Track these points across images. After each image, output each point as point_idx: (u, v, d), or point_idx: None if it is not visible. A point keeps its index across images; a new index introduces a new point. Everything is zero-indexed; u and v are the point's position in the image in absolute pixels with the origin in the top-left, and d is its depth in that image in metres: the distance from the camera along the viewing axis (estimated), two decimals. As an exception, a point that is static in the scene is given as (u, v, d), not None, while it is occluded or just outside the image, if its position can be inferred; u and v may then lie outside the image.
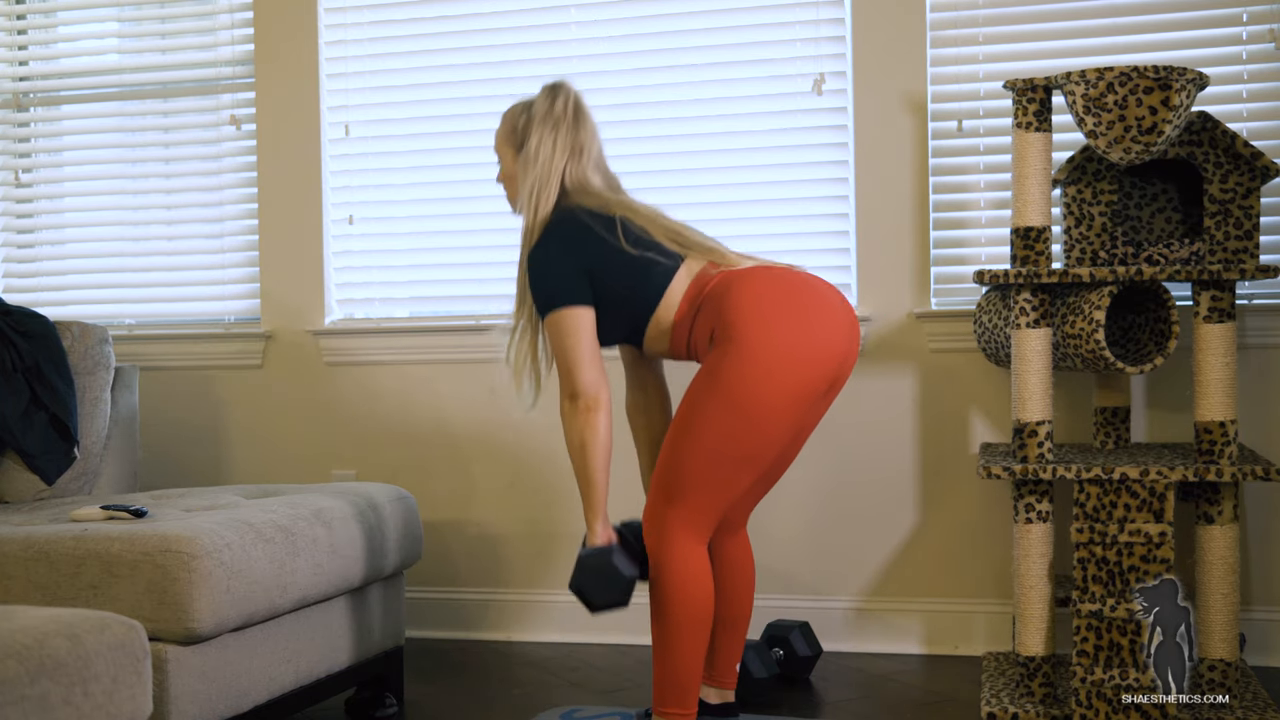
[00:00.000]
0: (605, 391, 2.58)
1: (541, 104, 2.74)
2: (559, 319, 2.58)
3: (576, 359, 2.57)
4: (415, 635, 3.73)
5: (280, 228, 3.87)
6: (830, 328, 2.52)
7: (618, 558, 2.54)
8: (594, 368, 2.58)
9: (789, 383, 2.46)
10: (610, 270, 2.58)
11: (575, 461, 2.60)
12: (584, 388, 2.56)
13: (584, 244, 2.59)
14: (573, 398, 2.57)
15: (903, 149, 3.46)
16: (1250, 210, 2.94)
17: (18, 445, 3.20)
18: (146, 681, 1.91)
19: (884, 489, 3.50)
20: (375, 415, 3.82)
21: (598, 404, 2.56)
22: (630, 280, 2.59)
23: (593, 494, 2.59)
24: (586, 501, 2.60)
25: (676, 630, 2.55)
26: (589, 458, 2.57)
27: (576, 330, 2.57)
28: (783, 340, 2.46)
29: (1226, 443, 2.79)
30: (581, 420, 2.56)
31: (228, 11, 3.93)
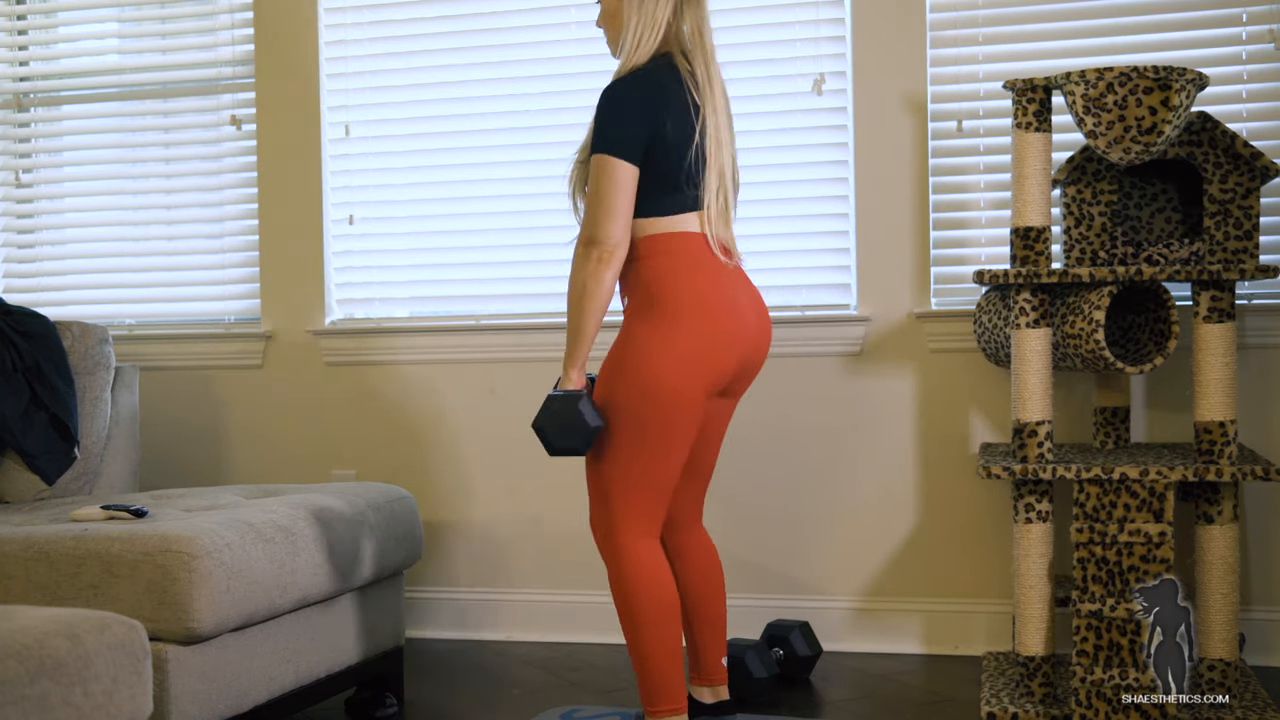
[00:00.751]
0: (623, 249, 2.55)
1: None
2: (606, 164, 2.53)
3: (608, 208, 2.52)
4: (415, 635, 3.73)
5: (280, 228, 3.87)
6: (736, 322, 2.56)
7: (584, 404, 2.53)
8: (621, 223, 2.53)
9: (691, 366, 2.50)
10: (662, 147, 2.55)
11: (571, 306, 2.56)
12: (604, 236, 2.52)
13: (663, 105, 2.54)
14: (589, 243, 2.54)
15: (903, 149, 3.46)
16: (1250, 210, 2.94)
17: (18, 445, 3.20)
18: (146, 681, 1.91)
19: (884, 489, 3.50)
20: (375, 415, 3.82)
21: (611, 257, 2.53)
22: (664, 171, 2.56)
23: (578, 342, 2.56)
24: (570, 347, 2.57)
25: (643, 627, 2.55)
26: (586, 305, 2.54)
27: (616, 182, 2.52)
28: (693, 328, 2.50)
29: (1226, 443, 2.79)
30: (590, 268, 2.52)
31: (228, 11, 3.93)
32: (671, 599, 2.57)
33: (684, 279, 2.54)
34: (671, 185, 2.57)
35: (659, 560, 2.58)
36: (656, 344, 2.51)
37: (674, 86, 2.57)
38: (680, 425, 2.54)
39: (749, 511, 3.55)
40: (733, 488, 3.47)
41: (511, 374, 3.71)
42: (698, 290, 2.54)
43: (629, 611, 2.56)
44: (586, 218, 2.57)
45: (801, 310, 3.52)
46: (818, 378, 3.51)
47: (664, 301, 2.53)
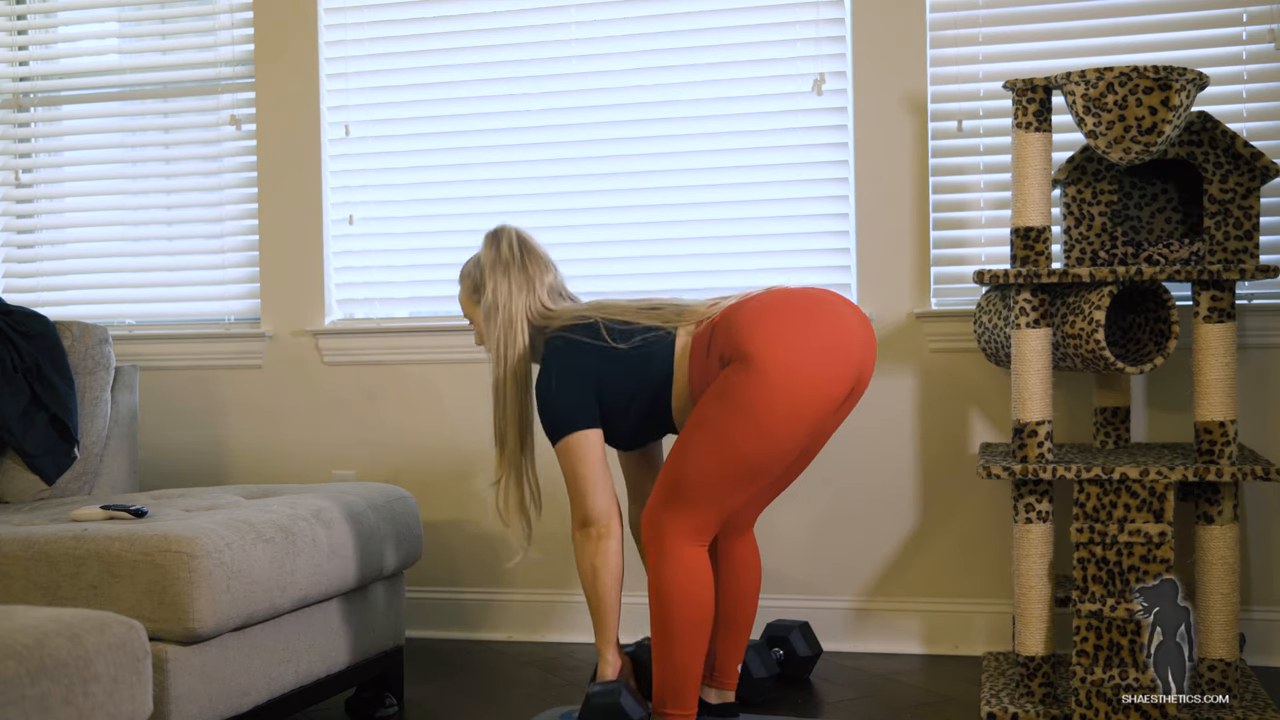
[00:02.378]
0: (618, 518, 2.62)
1: (488, 253, 2.78)
2: (570, 445, 2.61)
3: (589, 485, 2.59)
4: (415, 635, 3.73)
5: (280, 228, 3.87)
6: (843, 338, 2.53)
7: (625, 699, 2.54)
8: (606, 493, 2.61)
9: (803, 398, 2.47)
10: (612, 373, 2.61)
11: (587, 588, 2.62)
12: (597, 514, 2.59)
13: (581, 358, 2.62)
14: (584, 525, 2.60)
15: (903, 149, 3.46)
16: (1250, 210, 2.94)
17: (18, 445, 3.20)
18: (147, 681, 1.91)
19: (884, 489, 3.49)
20: (375, 415, 3.82)
21: (610, 531, 2.59)
22: (636, 371, 2.61)
23: (604, 622, 2.62)
24: (598, 629, 2.63)
25: (676, 631, 2.55)
26: (601, 585, 2.60)
27: (587, 455, 2.60)
28: (794, 355, 2.46)
29: (1226, 443, 2.79)
30: (593, 547, 2.59)
31: (228, 11, 3.93)
32: (708, 610, 2.58)
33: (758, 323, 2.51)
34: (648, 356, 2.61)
35: (707, 570, 2.59)
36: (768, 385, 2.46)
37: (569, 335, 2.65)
38: (778, 462, 2.54)
39: (749, 511, 3.55)
40: (733, 488, 3.47)
41: (511, 374, 3.70)
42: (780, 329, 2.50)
43: (664, 614, 2.56)
44: (572, 502, 2.64)
45: (801, 310, 3.52)
46: (818, 378, 3.51)
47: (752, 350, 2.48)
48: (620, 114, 3.64)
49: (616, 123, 3.65)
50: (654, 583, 2.57)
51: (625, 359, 2.61)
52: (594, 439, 2.61)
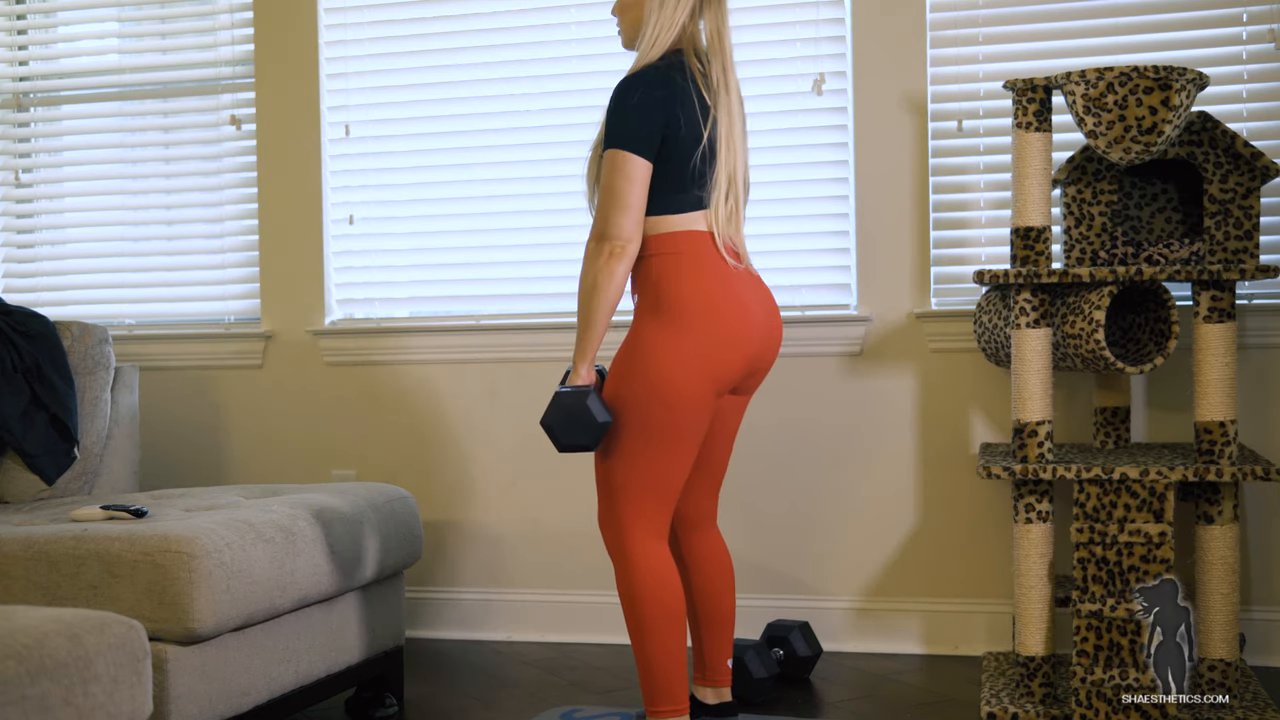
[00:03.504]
0: (635, 244, 2.54)
1: None
2: (620, 159, 2.53)
3: (621, 203, 2.52)
4: (415, 635, 3.73)
5: (280, 228, 3.87)
6: (745, 320, 2.56)
7: (592, 400, 2.52)
8: (633, 217, 2.53)
9: (700, 366, 2.50)
10: (673, 144, 2.55)
11: (582, 300, 2.56)
12: (616, 231, 2.52)
13: (681, 104, 2.55)
14: (600, 238, 2.54)
15: (903, 149, 3.46)
16: (1250, 210, 2.94)
17: (18, 445, 3.20)
18: (146, 681, 1.91)
19: (884, 489, 3.50)
20: (375, 415, 3.82)
21: (623, 252, 2.53)
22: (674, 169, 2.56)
23: (589, 336, 2.56)
24: (580, 342, 2.56)
25: (649, 628, 2.55)
26: (596, 300, 2.53)
27: (630, 177, 2.52)
28: (701, 327, 2.50)
29: (1226, 443, 2.79)
30: (603, 263, 2.52)
31: (228, 11, 3.93)
32: (677, 602, 2.57)
33: (691, 278, 2.54)
34: (681, 184, 2.57)
35: (666, 562, 2.58)
36: (664, 343, 2.51)
37: (687, 86, 2.57)
38: (688, 425, 2.54)
39: (749, 511, 3.55)
40: (733, 488, 3.47)
41: (512, 374, 3.71)
42: (705, 290, 2.54)
43: (634, 612, 2.56)
44: (599, 213, 2.57)
45: (801, 310, 3.52)
46: (818, 378, 3.51)
47: (671, 301, 2.53)
48: (620, 114, 3.64)
49: (616, 123, 3.65)
50: (622, 587, 2.58)
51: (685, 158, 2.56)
52: (643, 169, 2.54)
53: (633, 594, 2.56)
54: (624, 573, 2.57)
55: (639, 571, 2.55)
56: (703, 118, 2.57)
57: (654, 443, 2.53)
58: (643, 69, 2.58)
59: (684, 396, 2.51)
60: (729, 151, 2.61)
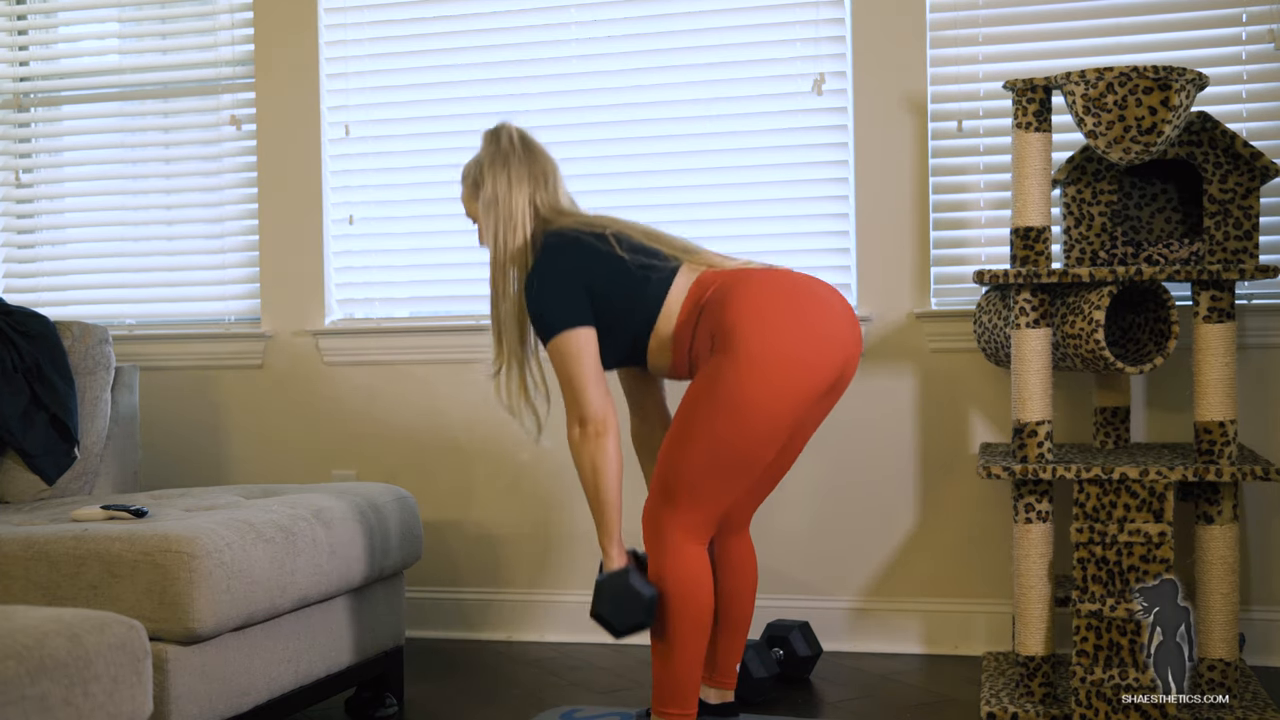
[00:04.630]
0: (613, 414, 2.58)
1: (487, 148, 2.74)
2: (563, 343, 2.56)
3: (583, 383, 2.55)
4: (415, 635, 3.73)
5: (280, 228, 3.87)
6: (830, 330, 2.51)
7: (635, 578, 2.54)
8: (600, 391, 2.57)
9: (788, 388, 2.46)
10: (609, 282, 2.57)
11: (587, 487, 2.59)
12: (592, 412, 2.55)
13: (581, 258, 2.58)
14: (581, 423, 2.57)
15: (903, 149, 3.46)
16: (1250, 210, 2.94)
17: (18, 445, 3.20)
18: (147, 681, 1.91)
19: (884, 489, 3.49)
20: (375, 415, 3.82)
21: (606, 428, 2.56)
22: (629, 290, 2.58)
23: (606, 518, 2.59)
24: (601, 526, 2.60)
25: (676, 631, 2.55)
26: (601, 482, 2.57)
27: (580, 353, 2.56)
28: (782, 345, 2.45)
29: (1226, 443, 2.79)
30: (592, 446, 2.56)
31: (228, 11, 3.93)
32: (708, 611, 2.57)
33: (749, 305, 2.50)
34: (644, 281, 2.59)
35: (705, 568, 2.58)
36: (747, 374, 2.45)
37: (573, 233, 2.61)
38: (766, 451, 2.52)
39: (749, 511, 3.55)
40: (733, 488, 3.47)
41: (511, 374, 3.70)
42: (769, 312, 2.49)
43: (666, 614, 2.56)
44: (567, 401, 2.59)
45: (801, 310, 3.51)
46: (818, 378, 3.51)
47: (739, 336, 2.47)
48: (620, 114, 3.64)
49: (616, 123, 3.65)
50: (655, 581, 2.57)
51: (626, 273, 2.57)
52: (587, 337, 2.56)
53: (669, 593, 2.55)
54: (660, 570, 2.56)
55: (677, 572, 2.54)
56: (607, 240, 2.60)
57: (725, 465, 2.51)
58: (536, 260, 2.62)
59: (770, 425, 2.47)
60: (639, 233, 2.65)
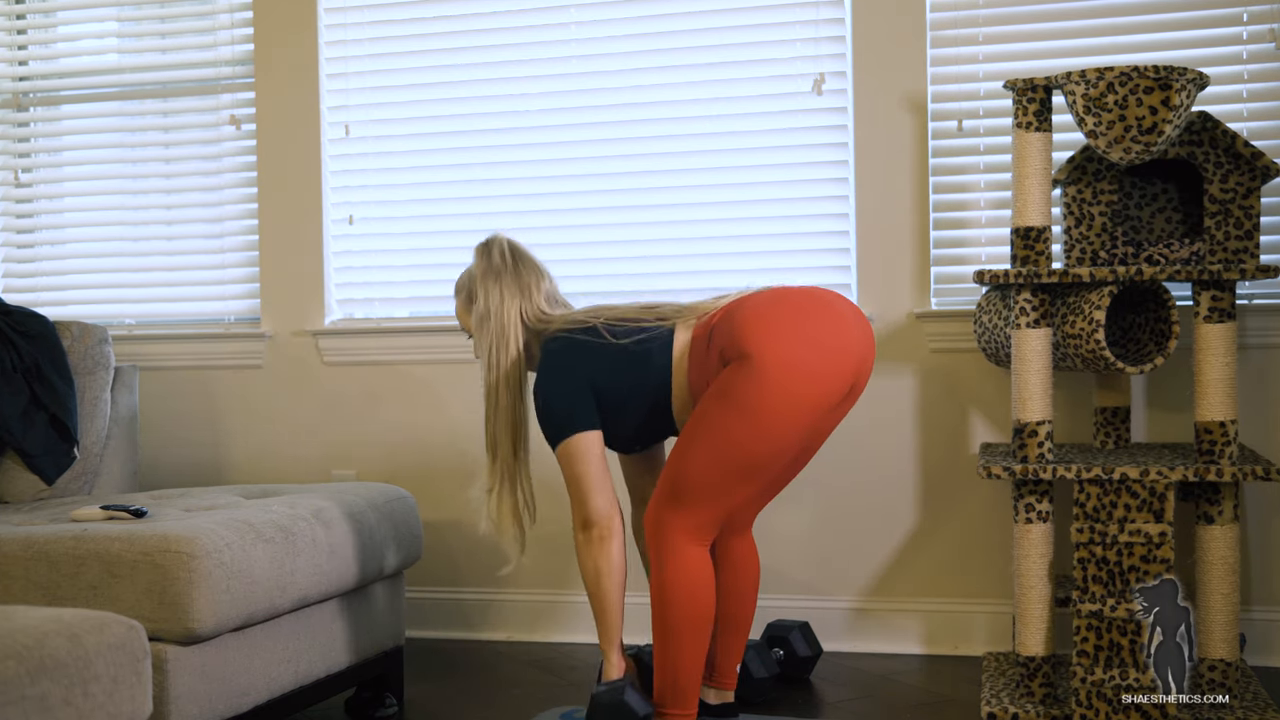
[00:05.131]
0: (618, 519, 2.61)
1: (479, 263, 2.79)
2: (570, 448, 2.60)
3: (589, 486, 2.59)
4: (415, 635, 3.72)
5: (280, 228, 3.87)
6: (842, 338, 2.52)
7: (630, 696, 2.54)
8: (606, 494, 2.61)
9: (802, 396, 2.46)
10: (612, 373, 2.61)
11: (590, 589, 2.63)
12: (598, 516, 2.58)
13: (581, 357, 2.62)
14: (586, 526, 2.60)
15: (903, 149, 3.45)
16: (1250, 210, 2.94)
17: (18, 445, 3.20)
18: (146, 681, 1.91)
19: (884, 489, 3.49)
20: (375, 415, 3.81)
21: (611, 532, 2.59)
22: (633, 370, 2.61)
23: (607, 622, 2.62)
24: (601, 630, 2.63)
25: (677, 632, 2.55)
26: (604, 586, 2.60)
27: (587, 457, 2.60)
28: (793, 354, 2.45)
29: (1227, 443, 2.79)
30: (596, 549, 2.59)
31: (228, 11, 3.93)
32: (709, 610, 2.58)
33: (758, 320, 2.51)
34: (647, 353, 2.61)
35: (708, 570, 2.59)
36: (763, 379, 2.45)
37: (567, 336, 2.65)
38: (777, 458, 2.53)
39: (749, 511, 3.55)
40: (733, 488, 3.47)
41: (511, 374, 3.70)
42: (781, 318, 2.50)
43: (665, 613, 2.56)
44: (574, 504, 2.63)
45: (801, 310, 3.51)
46: (818, 378, 3.51)
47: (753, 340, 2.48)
48: (620, 114, 3.64)
49: (616, 123, 3.65)
50: (656, 582, 2.57)
51: (624, 357, 2.61)
52: (594, 440, 2.61)
53: (666, 594, 2.56)
54: (665, 571, 2.56)
55: (682, 573, 2.55)
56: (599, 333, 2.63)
57: (737, 470, 2.52)
58: (540, 368, 2.66)
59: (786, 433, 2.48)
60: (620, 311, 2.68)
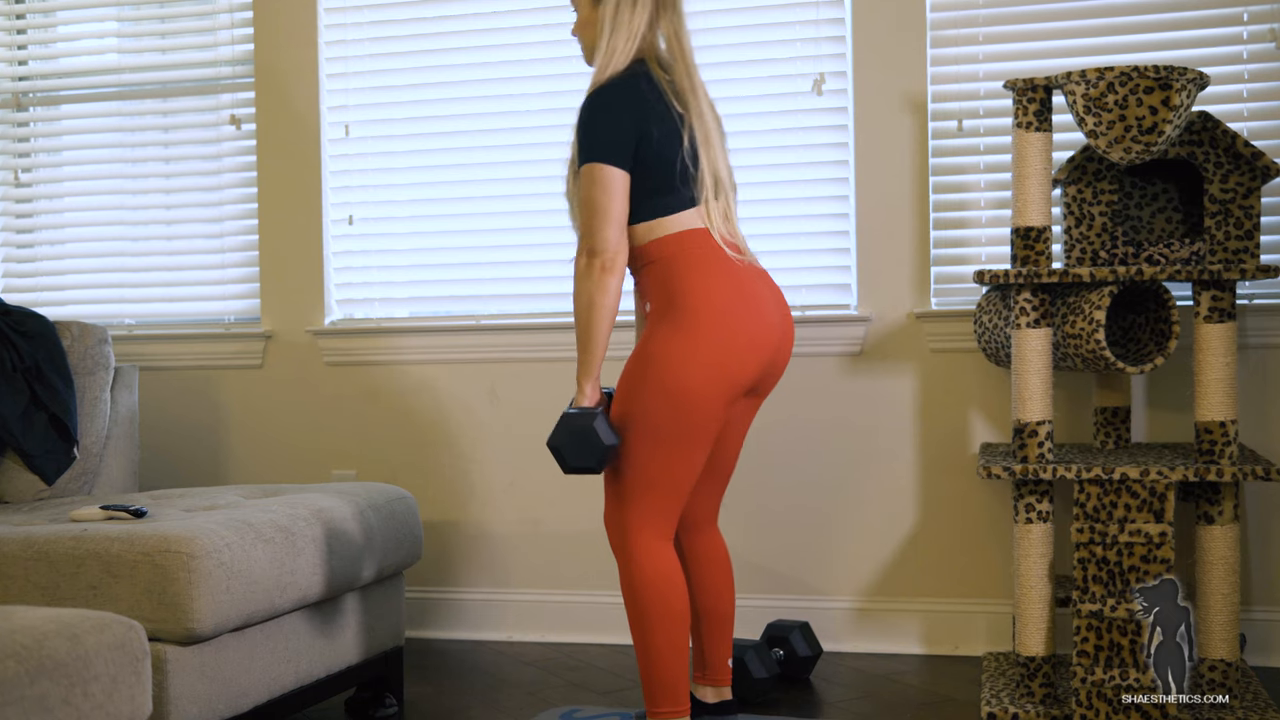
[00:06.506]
0: (624, 255, 2.54)
1: None
2: (596, 171, 2.53)
3: (604, 216, 2.52)
4: (415, 635, 3.72)
5: (280, 228, 3.87)
6: (765, 313, 2.54)
7: (600, 423, 2.52)
8: (618, 228, 2.53)
9: (715, 371, 2.49)
10: (650, 150, 2.54)
11: (579, 319, 2.55)
12: (604, 245, 2.52)
13: (645, 110, 2.55)
14: (590, 254, 2.53)
15: (903, 149, 3.45)
16: (1250, 210, 2.94)
17: (18, 445, 3.20)
18: (146, 681, 1.91)
19: (884, 489, 3.49)
20: (375, 415, 3.81)
21: (614, 265, 2.52)
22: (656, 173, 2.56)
23: (591, 353, 2.55)
24: (582, 361, 2.56)
25: (653, 629, 2.55)
26: (594, 317, 2.53)
27: (609, 188, 2.52)
28: (719, 306, 2.49)
29: (1227, 443, 2.79)
30: (595, 279, 2.52)
31: (228, 11, 3.93)
32: (681, 602, 2.57)
33: (701, 279, 2.52)
34: (667, 187, 2.56)
35: (672, 563, 2.58)
36: (678, 347, 2.49)
37: (653, 92, 2.57)
38: (701, 429, 2.53)
39: (749, 511, 3.54)
40: (733, 488, 3.47)
41: (512, 374, 3.71)
42: (717, 292, 2.52)
43: (638, 612, 2.56)
44: (582, 228, 2.56)
45: (801, 310, 3.51)
46: (818, 377, 3.51)
47: (684, 304, 2.51)
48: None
49: (616, 123, 3.65)
50: (625, 586, 2.57)
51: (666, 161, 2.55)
52: (621, 179, 2.53)
53: (636, 594, 2.55)
54: (628, 572, 2.56)
55: (644, 571, 2.55)
56: (677, 122, 2.57)
57: (665, 447, 2.52)
58: (606, 81, 2.58)
59: (698, 402, 2.50)
60: (708, 151, 2.60)
